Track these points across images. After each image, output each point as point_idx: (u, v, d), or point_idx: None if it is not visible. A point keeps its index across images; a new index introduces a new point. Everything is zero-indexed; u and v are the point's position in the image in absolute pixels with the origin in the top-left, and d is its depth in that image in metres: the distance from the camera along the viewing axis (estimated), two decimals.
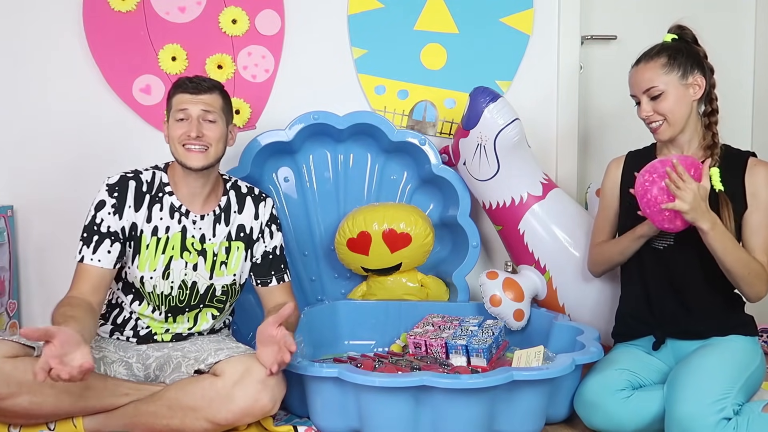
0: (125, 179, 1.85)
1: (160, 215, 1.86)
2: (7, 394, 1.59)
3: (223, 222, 1.91)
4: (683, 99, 1.82)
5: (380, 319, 2.31)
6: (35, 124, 2.46)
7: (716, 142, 1.82)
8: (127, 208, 1.83)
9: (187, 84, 1.84)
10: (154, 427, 1.68)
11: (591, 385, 1.76)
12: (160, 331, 1.90)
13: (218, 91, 1.87)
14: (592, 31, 2.64)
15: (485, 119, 2.16)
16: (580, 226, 2.22)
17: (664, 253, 1.84)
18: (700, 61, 1.84)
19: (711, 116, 1.85)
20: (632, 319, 1.92)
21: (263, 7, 2.46)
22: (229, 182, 1.98)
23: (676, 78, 1.81)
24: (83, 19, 2.41)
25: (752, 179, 1.79)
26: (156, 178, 1.89)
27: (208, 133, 1.82)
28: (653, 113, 1.83)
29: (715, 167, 1.79)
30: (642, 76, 1.84)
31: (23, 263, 2.46)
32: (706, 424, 1.54)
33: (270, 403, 1.67)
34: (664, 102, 1.81)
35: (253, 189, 2.00)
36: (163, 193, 1.88)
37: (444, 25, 2.53)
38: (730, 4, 2.72)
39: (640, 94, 1.84)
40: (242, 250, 1.93)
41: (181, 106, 1.82)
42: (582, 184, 2.64)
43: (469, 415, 1.63)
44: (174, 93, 1.85)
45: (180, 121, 1.82)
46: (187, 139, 1.81)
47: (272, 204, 2.00)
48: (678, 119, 1.82)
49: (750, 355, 1.75)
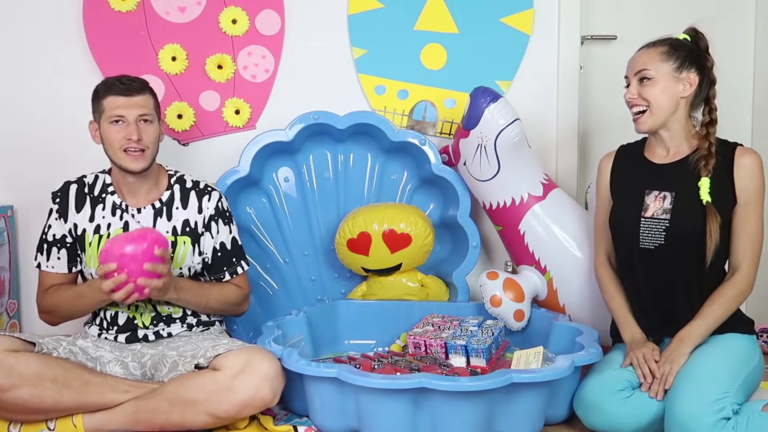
0: (67, 185, 1.96)
1: (102, 214, 1.92)
2: (8, 386, 1.61)
3: (164, 216, 1.93)
4: (670, 91, 1.81)
5: (380, 319, 2.31)
6: (35, 124, 2.46)
7: (712, 152, 1.79)
8: (71, 211, 1.92)
9: (119, 86, 1.85)
10: (154, 423, 1.69)
11: (590, 385, 1.76)
12: (139, 318, 1.91)
13: (149, 91, 1.90)
14: (592, 31, 2.64)
15: (486, 119, 2.16)
16: (580, 226, 2.22)
17: (654, 252, 1.83)
18: (700, 63, 1.83)
19: (709, 126, 1.82)
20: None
21: (263, 7, 2.46)
22: (174, 177, 2.00)
23: (669, 68, 1.80)
24: (83, 19, 2.41)
25: (739, 170, 1.78)
26: (99, 180, 1.97)
27: (146, 135, 1.87)
28: (638, 96, 1.82)
29: (706, 177, 1.77)
30: (639, 59, 1.84)
31: (23, 263, 2.46)
32: (706, 424, 1.54)
33: (270, 395, 1.68)
34: (650, 87, 1.81)
35: (199, 183, 2.01)
36: (106, 194, 1.94)
37: (444, 25, 2.53)
38: (729, 5, 2.71)
39: (632, 75, 1.84)
40: (189, 244, 1.95)
41: (116, 111, 1.85)
42: (582, 184, 2.64)
43: (467, 416, 1.64)
44: (104, 95, 1.86)
45: (115, 123, 1.85)
46: (128, 143, 1.84)
47: (218, 197, 2.00)
48: (660, 110, 1.81)
49: (748, 353, 1.75)
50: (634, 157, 1.94)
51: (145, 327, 1.91)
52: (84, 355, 1.82)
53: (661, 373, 1.70)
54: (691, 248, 1.76)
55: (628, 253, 1.88)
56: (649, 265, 1.84)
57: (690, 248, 1.77)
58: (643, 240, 1.83)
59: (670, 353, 1.73)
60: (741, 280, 1.77)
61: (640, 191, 1.86)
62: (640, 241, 1.83)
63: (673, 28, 1.93)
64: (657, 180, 1.85)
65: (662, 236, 1.81)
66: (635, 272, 1.87)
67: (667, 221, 1.80)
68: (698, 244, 1.76)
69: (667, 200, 1.82)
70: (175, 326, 1.94)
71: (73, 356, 1.79)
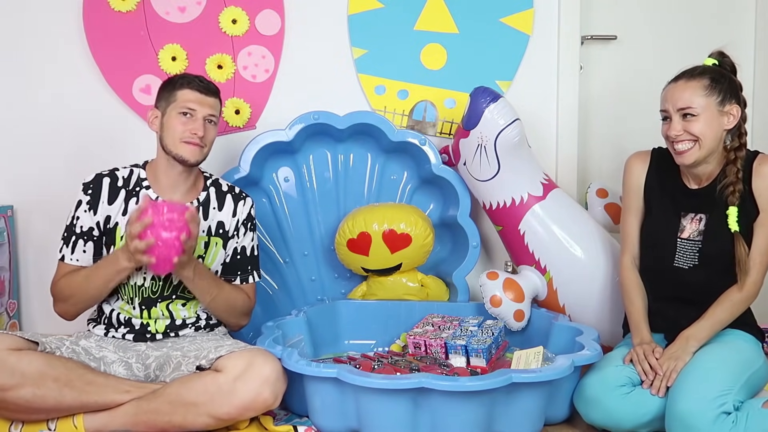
0: (99, 177, 1.92)
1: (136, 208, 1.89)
2: (10, 385, 1.61)
3: (200, 215, 1.93)
4: (716, 125, 1.77)
5: (380, 319, 2.31)
6: (35, 124, 2.46)
7: (739, 179, 1.77)
8: (101, 203, 1.89)
9: (197, 83, 1.90)
10: (156, 424, 1.69)
11: (591, 381, 1.77)
12: (153, 325, 1.90)
13: (219, 97, 1.95)
14: (592, 31, 2.64)
15: (486, 119, 2.16)
16: (580, 226, 2.22)
17: (687, 272, 1.83)
18: (737, 92, 1.81)
19: (738, 151, 1.79)
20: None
21: (263, 7, 2.46)
22: (210, 179, 2.02)
23: (714, 102, 1.76)
24: (83, 19, 2.41)
25: (757, 178, 1.78)
26: (133, 175, 1.95)
27: (208, 134, 1.91)
28: (684, 132, 1.77)
29: (734, 207, 1.76)
30: (681, 93, 1.77)
31: (23, 263, 2.47)
32: (706, 419, 1.55)
33: (272, 397, 1.68)
34: (696, 123, 1.76)
35: (234, 188, 2.04)
36: (140, 188, 1.93)
37: (444, 25, 2.52)
38: (729, 5, 2.71)
39: (674, 111, 1.78)
40: (220, 246, 1.97)
41: (189, 104, 1.88)
42: (582, 184, 2.64)
43: (467, 416, 1.64)
44: (180, 87, 1.89)
45: (184, 115, 1.88)
46: (191, 136, 1.87)
47: (251, 204, 2.04)
48: (708, 144, 1.77)
49: (753, 354, 1.77)
50: (670, 171, 1.90)
51: (158, 333, 1.90)
52: (87, 355, 1.81)
53: (664, 370, 1.71)
54: (723, 270, 1.78)
55: (659, 267, 1.89)
56: (679, 281, 1.85)
57: (721, 270, 1.79)
58: (677, 260, 1.85)
59: (674, 351, 1.74)
60: (749, 285, 1.77)
61: (676, 212, 1.87)
62: (674, 260, 1.85)
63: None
64: (692, 202, 1.86)
65: (696, 257, 1.82)
66: (663, 285, 1.89)
67: (700, 242, 1.81)
68: (729, 265, 1.78)
69: (702, 222, 1.83)
70: (186, 329, 1.94)
71: (76, 356, 1.78)
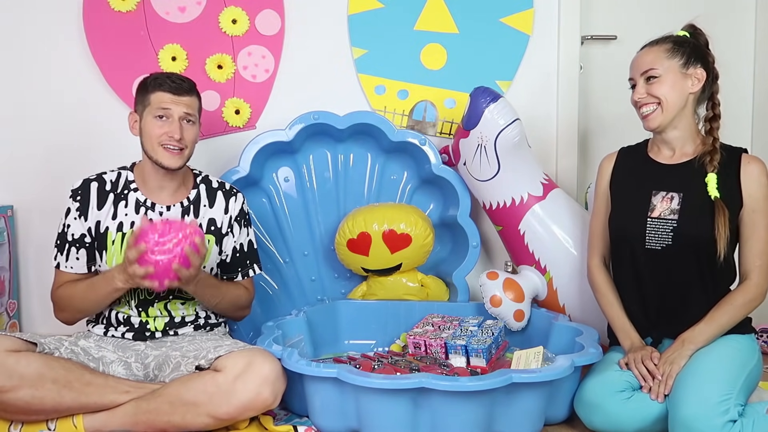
0: (87, 182, 1.92)
1: (125, 211, 1.90)
2: (9, 387, 1.60)
3: (192, 214, 1.93)
4: (679, 87, 1.80)
5: (380, 319, 2.32)
6: (35, 123, 2.46)
7: (716, 147, 1.80)
8: (91, 209, 1.89)
9: (169, 83, 1.86)
10: (155, 424, 1.69)
11: (591, 385, 1.76)
12: (152, 323, 1.90)
13: (195, 93, 1.91)
14: (592, 31, 2.64)
15: (486, 119, 2.16)
16: (580, 226, 2.22)
17: (661, 253, 1.83)
18: (704, 58, 1.83)
19: (713, 121, 1.83)
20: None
21: (263, 7, 2.46)
22: (200, 176, 2.01)
23: (676, 64, 1.80)
24: (83, 19, 2.41)
25: (746, 177, 1.78)
26: (121, 177, 1.94)
27: (187, 135, 1.88)
28: (647, 95, 1.81)
29: (713, 173, 1.77)
30: (644, 58, 1.83)
31: (23, 263, 2.47)
32: (712, 426, 1.54)
33: (271, 397, 1.67)
34: (659, 85, 1.80)
35: (224, 184, 2.03)
36: (128, 191, 1.92)
37: (444, 25, 2.53)
38: (729, 5, 2.71)
39: (638, 76, 1.83)
40: (213, 243, 1.96)
41: (162, 105, 1.85)
42: (582, 184, 2.64)
43: (467, 416, 1.63)
44: (152, 89, 1.86)
45: (159, 119, 1.86)
46: (168, 139, 1.85)
47: (243, 199, 2.03)
48: (671, 106, 1.80)
49: (748, 352, 1.76)
50: (638, 158, 1.93)
51: (157, 331, 1.91)
52: (86, 355, 1.81)
53: (660, 374, 1.70)
54: (699, 248, 1.76)
55: (631, 255, 1.87)
56: (655, 265, 1.83)
57: (698, 248, 1.77)
58: (649, 240, 1.83)
59: (671, 354, 1.73)
60: (752, 288, 1.77)
61: (646, 191, 1.86)
62: (646, 242, 1.83)
63: (673, 28, 1.93)
64: (664, 180, 1.85)
65: (669, 236, 1.80)
66: (639, 274, 1.87)
67: (674, 221, 1.80)
68: (706, 244, 1.76)
69: (675, 201, 1.82)
70: (186, 328, 1.94)
71: (75, 356, 1.78)
